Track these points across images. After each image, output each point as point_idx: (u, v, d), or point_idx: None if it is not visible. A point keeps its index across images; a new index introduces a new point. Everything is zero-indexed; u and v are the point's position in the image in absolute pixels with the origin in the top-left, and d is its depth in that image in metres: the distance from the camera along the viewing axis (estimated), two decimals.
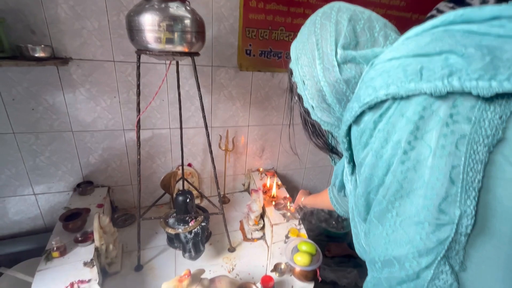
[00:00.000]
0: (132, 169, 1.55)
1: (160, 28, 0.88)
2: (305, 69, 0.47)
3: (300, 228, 1.32)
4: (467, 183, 0.25)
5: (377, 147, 0.31)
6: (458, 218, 0.26)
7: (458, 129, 0.26)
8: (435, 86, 0.26)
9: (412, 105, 0.28)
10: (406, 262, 0.28)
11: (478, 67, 0.25)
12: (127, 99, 1.39)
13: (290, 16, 1.48)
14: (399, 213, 0.29)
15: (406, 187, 0.28)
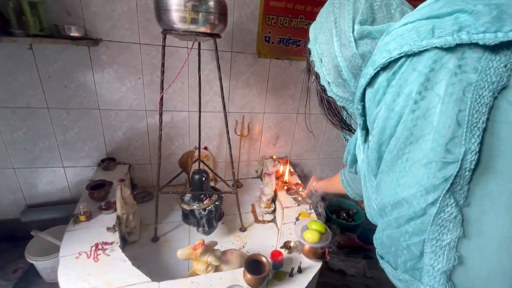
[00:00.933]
0: (152, 148, 1.63)
1: (186, 8, 0.94)
2: (323, 47, 0.49)
3: (310, 212, 1.34)
4: (472, 123, 0.27)
5: (390, 101, 0.33)
6: (463, 155, 0.28)
7: (465, 78, 0.28)
8: (446, 40, 0.28)
9: (424, 59, 0.30)
10: (414, 201, 0.30)
11: (485, 21, 0.27)
12: (151, 81, 1.46)
13: (311, 4, 1.49)
14: (409, 158, 0.31)
15: (416, 133, 0.31)
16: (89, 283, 0.87)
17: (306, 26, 1.54)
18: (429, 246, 0.30)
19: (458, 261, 0.28)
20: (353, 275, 1.61)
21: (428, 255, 0.30)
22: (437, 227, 0.29)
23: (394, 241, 0.33)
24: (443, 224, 0.29)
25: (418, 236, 0.30)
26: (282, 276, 0.97)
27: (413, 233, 0.31)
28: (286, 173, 1.57)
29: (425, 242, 0.30)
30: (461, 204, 0.28)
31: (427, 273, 0.30)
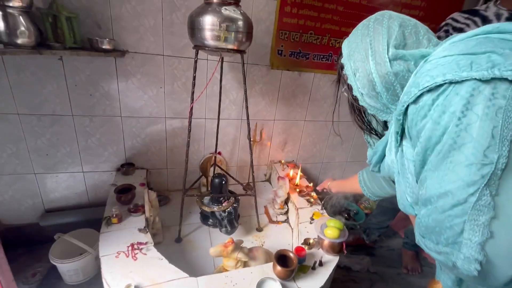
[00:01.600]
0: (169, 154, 1.71)
1: (221, 28, 1.04)
2: (358, 64, 0.58)
3: (323, 212, 1.46)
4: (503, 136, 0.37)
5: (436, 117, 0.42)
6: (497, 159, 0.37)
7: (497, 103, 0.37)
8: (482, 74, 0.38)
9: (465, 87, 0.39)
10: (457, 192, 0.40)
11: (511, 62, 0.37)
12: (171, 90, 1.54)
13: (320, 21, 1.63)
14: (453, 161, 0.41)
15: (458, 142, 0.40)
16: (133, 279, 0.95)
17: (316, 41, 1.68)
18: (468, 225, 0.40)
19: (490, 235, 0.39)
20: (358, 270, 1.74)
21: (467, 231, 0.40)
22: (476, 211, 0.39)
23: (438, 222, 0.43)
24: (480, 208, 0.39)
25: (460, 218, 0.40)
26: (306, 269, 1.07)
27: (456, 216, 0.41)
28: (298, 176, 1.68)
29: (465, 222, 0.40)
30: (494, 194, 0.39)
31: (466, 245, 0.40)
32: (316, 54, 1.72)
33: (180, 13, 1.40)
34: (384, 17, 0.58)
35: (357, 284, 1.66)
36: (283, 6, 1.53)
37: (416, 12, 1.81)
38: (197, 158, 1.76)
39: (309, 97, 1.85)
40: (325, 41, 1.70)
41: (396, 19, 0.57)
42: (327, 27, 1.67)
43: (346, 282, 1.67)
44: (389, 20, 0.57)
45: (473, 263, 0.40)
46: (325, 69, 1.79)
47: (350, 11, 1.66)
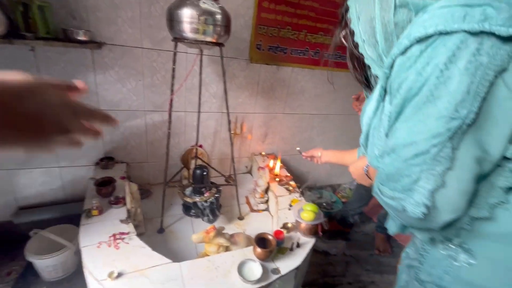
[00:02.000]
0: (150, 147, 1.71)
1: (200, 20, 1.07)
2: (363, 7, 0.53)
3: (301, 199, 1.54)
4: (476, 93, 0.37)
5: (419, 67, 0.41)
6: (466, 114, 0.38)
7: (479, 59, 0.37)
8: (473, 26, 0.36)
9: (453, 39, 0.38)
10: (422, 142, 0.41)
11: (504, 17, 0.36)
12: (151, 83, 1.54)
13: (296, 17, 1.70)
14: (425, 113, 0.41)
15: (435, 94, 0.39)
16: (116, 267, 0.96)
17: (293, 36, 1.74)
18: (424, 174, 0.42)
19: (442, 184, 0.41)
20: (335, 254, 1.85)
21: (422, 180, 0.42)
22: (434, 161, 0.41)
23: (398, 170, 0.45)
24: (439, 159, 0.41)
25: (419, 167, 0.42)
26: (284, 250, 1.14)
27: (416, 165, 0.42)
28: (277, 166, 1.75)
29: (422, 171, 0.42)
30: (454, 147, 0.40)
31: (418, 191, 0.43)
32: (293, 49, 1.79)
33: (159, 5, 1.40)
34: None
35: (334, 266, 1.77)
36: (261, 1, 1.57)
37: None
38: (178, 151, 1.78)
39: (287, 91, 1.92)
40: (302, 37, 1.77)
41: None
42: (304, 23, 1.73)
43: (323, 266, 1.77)
44: None
45: (421, 207, 0.43)
46: (302, 64, 1.86)
47: (325, 8, 1.74)
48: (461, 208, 0.44)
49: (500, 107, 0.39)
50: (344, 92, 2.07)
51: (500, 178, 0.44)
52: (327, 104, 2.11)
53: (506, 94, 0.38)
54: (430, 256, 0.58)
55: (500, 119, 0.40)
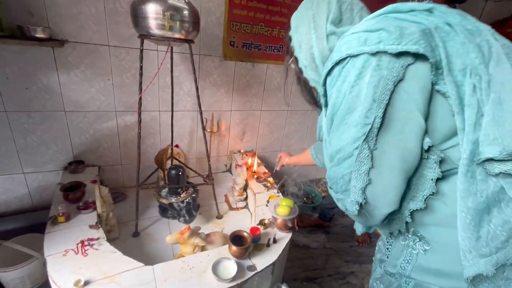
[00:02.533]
0: (123, 149, 1.65)
1: (165, 16, 1.04)
2: (303, 37, 0.61)
3: (278, 195, 1.55)
4: (381, 101, 0.44)
5: (339, 85, 0.49)
6: (374, 119, 0.45)
7: (380, 73, 0.44)
8: (371, 48, 0.44)
9: (360, 59, 0.46)
10: (347, 147, 0.48)
11: (393, 37, 0.43)
12: (120, 82, 1.49)
13: (269, 13, 1.70)
14: (347, 122, 0.48)
15: (351, 106, 0.47)
16: (83, 275, 0.92)
17: (266, 33, 1.74)
18: (354, 175, 0.48)
19: (369, 182, 0.48)
20: (315, 248, 1.88)
21: (353, 180, 0.49)
22: (358, 162, 0.47)
23: (336, 174, 0.52)
24: (362, 160, 0.47)
25: (348, 169, 0.49)
26: (261, 247, 1.14)
27: (346, 167, 0.49)
28: (255, 163, 1.74)
29: (352, 172, 0.48)
30: (372, 148, 0.47)
31: (352, 191, 0.50)
32: (267, 45, 1.79)
33: (124, 1, 1.35)
34: None
35: (315, 260, 1.80)
36: None
37: None
38: (154, 151, 1.73)
39: (264, 88, 1.92)
40: (275, 33, 1.77)
41: None
42: (276, 19, 1.74)
43: (305, 260, 1.80)
44: None
45: (355, 205, 0.49)
46: (277, 60, 1.86)
47: (297, 4, 1.75)
48: (394, 202, 0.49)
49: (404, 110, 0.45)
50: None
51: (429, 170, 0.49)
52: (304, 101, 2.13)
53: (406, 98, 0.45)
54: (393, 248, 0.62)
55: (407, 119, 0.46)
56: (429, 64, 0.44)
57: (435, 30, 0.45)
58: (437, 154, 0.48)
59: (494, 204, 0.43)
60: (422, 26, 0.45)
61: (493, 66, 0.44)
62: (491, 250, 0.43)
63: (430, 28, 0.45)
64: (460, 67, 0.44)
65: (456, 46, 0.45)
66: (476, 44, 0.45)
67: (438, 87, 0.45)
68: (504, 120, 0.42)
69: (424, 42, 0.43)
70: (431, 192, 0.49)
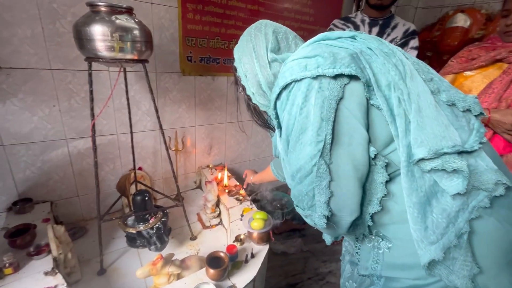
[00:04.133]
0: (78, 179, 1.51)
1: (113, 38, 0.98)
2: (247, 66, 0.66)
3: (252, 207, 1.54)
4: (328, 118, 0.49)
5: (289, 108, 0.53)
6: (325, 136, 0.49)
7: (322, 94, 0.49)
8: (311, 73, 0.49)
9: (303, 83, 0.50)
10: (305, 165, 0.51)
11: (329, 62, 0.49)
12: (69, 107, 1.36)
13: (224, 27, 1.71)
14: (302, 142, 0.52)
15: (303, 127, 0.51)
16: None
17: (223, 46, 1.75)
18: (316, 190, 0.51)
19: (331, 195, 0.51)
20: (293, 253, 1.90)
21: (316, 195, 0.52)
22: (318, 178, 0.50)
23: (300, 192, 0.55)
24: (321, 175, 0.50)
25: (310, 185, 0.52)
26: (239, 264, 1.12)
27: (308, 184, 0.52)
28: (225, 177, 1.72)
29: (314, 188, 0.51)
30: (328, 162, 0.50)
31: (318, 206, 0.52)
32: (226, 58, 1.79)
33: (66, 21, 1.25)
34: (262, 24, 0.69)
35: (294, 265, 1.82)
36: (185, 13, 1.54)
37: (307, 17, 2.08)
38: (115, 177, 1.61)
39: (226, 100, 1.92)
40: (232, 46, 1.79)
41: (270, 26, 0.68)
42: (232, 32, 1.75)
43: (284, 267, 1.81)
44: (265, 27, 0.67)
45: (322, 219, 0.52)
46: None
47: (251, 17, 1.80)
48: (355, 209, 0.53)
49: (348, 124, 0.50)
50: None
51: (378, 175, 0.53)
52: None
53: (348, 114, 0.50)
54: (362, 251, 0.65)
55: (352, 132, 0.50)
56: (361, 83, 0.50)
57: (360, 54, 0.51)
58: (382, 159, 0.52)
59: (432, 195, 0.49)
60: (349, 51, 0.51)
61: (409, 80, 0.51)
62: (437, 237, 0.48)
63: (356, 52, 0.51)
64: (386, 83, 0.50)
65: (379, 66, 0.51)
66: (393, 64, 0.51)
67: (372, 102, 0.50)
68: (425, 125, 0.48)
69: (354, 65, 0.49)
70: (384, 194, 0.53)
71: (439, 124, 0.49)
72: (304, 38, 0.68)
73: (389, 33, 1.49)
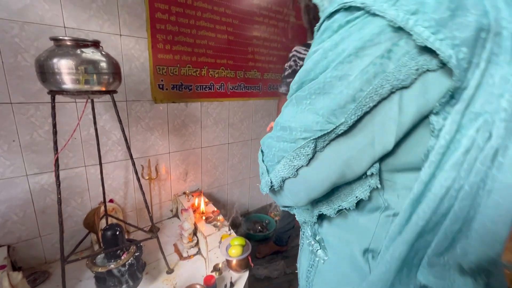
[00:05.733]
0: (41, 218, 1.40)
1: (78, 70, 0.97)
2: None
3: (230, 233, 1.51)
4: (362, 105, 0.32)
5: (327, 47, 0.34)
6: (340, 123, 0.33)
7: (385, 64, 0.29)
8: (397, 16, 0.28)
9: (373, 25, 0.30)
10: (294, 131, 0.37)
11: (435, 17, 0.27)
12: (31, 142, 1.30)
13: (195, 55, 1.76)
14: (311, 103, 0.36)
15: (326, 88, 0.34)
16: None
17: (195, 73, 1.79)
18: (283, 161, 0.40)
19: (294, 176, 0.40)
20: (277, 277, 1.86)
21: (280, 165, 0.40)
22: (295, 154, 0.38)
23: (269, 147, 0.43)
24: (299, 155, 0.38)
25: (282, 152, 0.40)
26: None
27: (281, 149, 0.40)
28: (202, 204, 1.68)
29: (283, 157, 0.40)
30: (318, 149, 0.37)
31: (273, 174, 0.42)
32: (198, 85, 1.83)
33: (29, 54, 1.22)
34: None
35: None
36: (155, 43, 1.57)
37: (275, 44, 2.21)
38: (83, 212, 1.51)
39: (201, 125, 1.93)
40: (204, 73, 1.83)
41: None
42: (203, 60, 1.81)
43: None
44: None
45: (268, 186, 0.44)
46: (211, 98, 1.91)
47: (221, 45, 1.87)
48: (301, 201, 0.44)
49: (382, 127, 0.34)
50: (255, 118, 2.22)
51: (359, 188, 0.42)
52: (243, 131, 2.21)
53: (394, 116, 0.32)
54: (302, 253, 0.58)
55: (377, 139, 0.35)
56: (448, 84, 0.30)
57: (494, 37, 0.29)
58: (376, 183, 0.40)
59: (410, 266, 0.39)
60: (483, 20, 0.28)
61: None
62: None
63: (490, 29, 0.28)
64: (476, 110, 0.30)
65: (495, 78, 0.29)
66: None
67: (434, 120, 0.32)
68: None
69: (467, 50, 0.28)
70: (348, 207, 0.43)
71: None
72: (273, 63, 0.63)
73: None
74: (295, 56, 1.73)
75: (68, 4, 1.25)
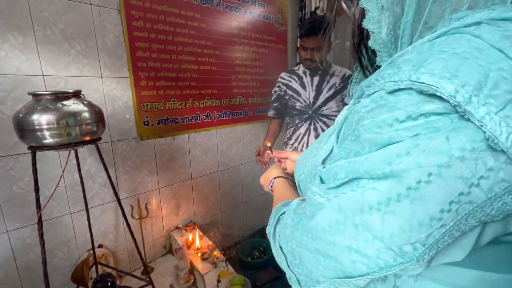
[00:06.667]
0: (24, 274, 1.31)
1: (60, 125, 0.95)
2: None
3: (227, 268, 1.46)
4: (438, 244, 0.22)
5: (394, 153, 0.22)
6: (419, 254, 0.23)
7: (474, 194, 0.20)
8: (463, 97, 0.20)
9: (466, 134, 0.20)
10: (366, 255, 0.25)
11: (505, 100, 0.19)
12: (10, 195, 1.23)
13: (179, 89, 1.76)
14: (364, 224, 0.25)
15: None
16: None
17: (180, 106, 1.78)
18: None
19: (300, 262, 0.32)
20: None
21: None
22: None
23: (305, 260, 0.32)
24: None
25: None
26: None
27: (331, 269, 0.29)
28: (197, 239, 1.64)
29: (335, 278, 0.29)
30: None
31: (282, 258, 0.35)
32: (184, 117, 1.82)
33: (5, 106, 1.18)
34: None
35: None
36: (137, 81, 1.56)
37: (257, 69, 2.25)
38: (70, 263, 1.43)
39: (189, 156, 1.90)
40: (189, 105, 1.83)
41: None
42: (188, 92, 1.81)
43: None
44: None
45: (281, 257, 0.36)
46: (197, 128, 1.91)
47: (204, 76, 1.89)
48: None
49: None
50: (244, 142, 2.22)
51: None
52: (232, 157, 2.20)
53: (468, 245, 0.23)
54: None
55: None
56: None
57: None
58: None
59: None
60: None
61: None
62: None
63: None
64: None
65: None
66: None
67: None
68: None
69: None
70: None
71: None
72: (257, 88, 0.54)
73: (328, 80, 1.67)
74: (279, 82, 1.78)
75: (45, 53, 1.24)
